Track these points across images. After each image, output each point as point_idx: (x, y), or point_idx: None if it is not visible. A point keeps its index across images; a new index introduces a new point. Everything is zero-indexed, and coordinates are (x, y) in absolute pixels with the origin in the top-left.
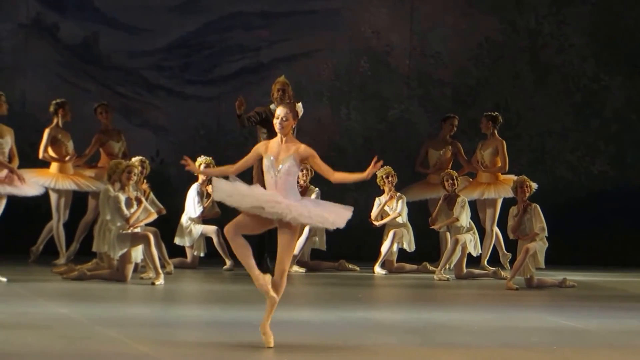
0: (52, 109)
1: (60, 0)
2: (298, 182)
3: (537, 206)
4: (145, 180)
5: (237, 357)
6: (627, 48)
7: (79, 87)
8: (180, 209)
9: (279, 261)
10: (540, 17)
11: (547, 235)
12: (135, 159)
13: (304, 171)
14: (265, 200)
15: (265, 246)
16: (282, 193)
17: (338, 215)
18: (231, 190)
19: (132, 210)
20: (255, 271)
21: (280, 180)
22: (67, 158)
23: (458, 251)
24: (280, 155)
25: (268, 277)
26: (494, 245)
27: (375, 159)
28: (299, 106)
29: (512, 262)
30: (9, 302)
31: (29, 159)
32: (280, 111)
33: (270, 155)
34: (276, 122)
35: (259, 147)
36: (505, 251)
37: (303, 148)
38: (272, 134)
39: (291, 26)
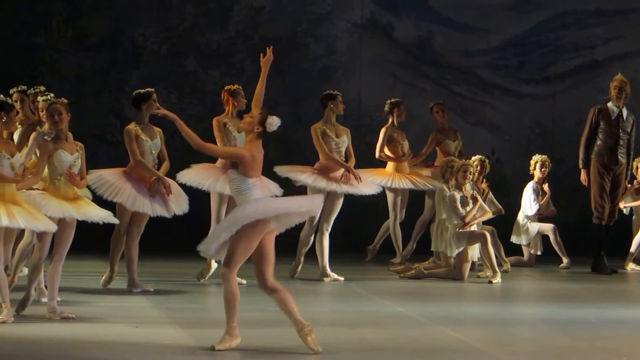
0: (387, 108)
1: (394, 0)
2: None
3: None
4: (484, 180)
5: (574, 356)
6: None
7: (414, 86)
8: (516, 207)
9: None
10: None
11: None
12: (475, 158)
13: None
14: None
15: (602, 245)
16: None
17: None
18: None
19: (468, 209)
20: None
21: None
22: (403, 157)
23: None
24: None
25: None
26: None
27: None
28: (271, 120)
29: None
30: (347, 301)
31: (366, 158)
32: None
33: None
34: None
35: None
36: None
37: None
38: (606, 134)
39: (627, 23)
